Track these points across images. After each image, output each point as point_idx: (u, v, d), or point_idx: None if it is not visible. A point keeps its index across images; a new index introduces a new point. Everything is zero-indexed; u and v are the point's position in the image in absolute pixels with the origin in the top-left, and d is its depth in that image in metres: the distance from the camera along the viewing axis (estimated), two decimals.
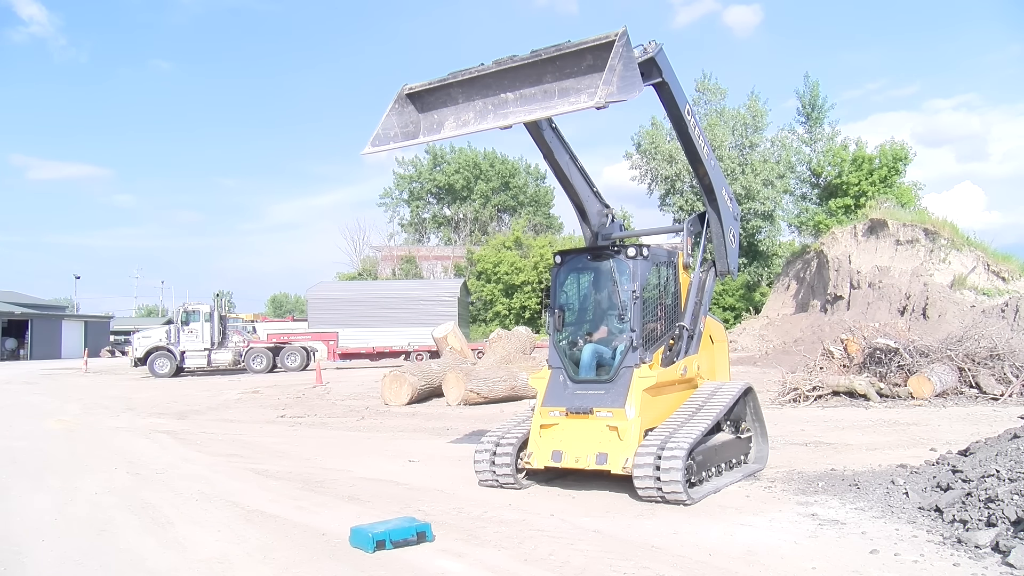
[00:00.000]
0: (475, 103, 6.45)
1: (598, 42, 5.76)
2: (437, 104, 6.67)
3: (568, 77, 6.02)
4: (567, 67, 6.02)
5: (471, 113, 6.46)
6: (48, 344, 51.61)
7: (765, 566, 4.60)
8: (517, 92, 6.24)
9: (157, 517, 6.35)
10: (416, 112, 6.73)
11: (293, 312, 68.41)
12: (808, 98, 44.18)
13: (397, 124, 6.58)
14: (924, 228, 26.73)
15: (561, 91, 6.05)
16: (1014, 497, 4.86)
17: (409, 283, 42.38)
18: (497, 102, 6.33)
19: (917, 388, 12.68)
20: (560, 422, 6.86)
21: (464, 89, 6.50)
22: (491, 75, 6.30)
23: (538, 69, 6.13)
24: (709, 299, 8.14)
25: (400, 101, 6.66)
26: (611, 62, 5.40)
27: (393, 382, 15.38)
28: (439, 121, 6.64)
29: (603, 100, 5.20)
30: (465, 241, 56.55)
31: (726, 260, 8.22)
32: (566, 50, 5.97)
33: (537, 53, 6.10)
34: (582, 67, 5.93)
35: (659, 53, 6.54)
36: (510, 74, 6.24)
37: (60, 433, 12.20)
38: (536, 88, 6.16)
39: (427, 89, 6.67)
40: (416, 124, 6.70)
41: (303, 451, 9.77)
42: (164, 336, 27.84)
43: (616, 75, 5.32)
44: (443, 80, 6.58)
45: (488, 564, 4.84)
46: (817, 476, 7.06)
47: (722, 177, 8.13)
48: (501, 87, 6.30)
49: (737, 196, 41.18)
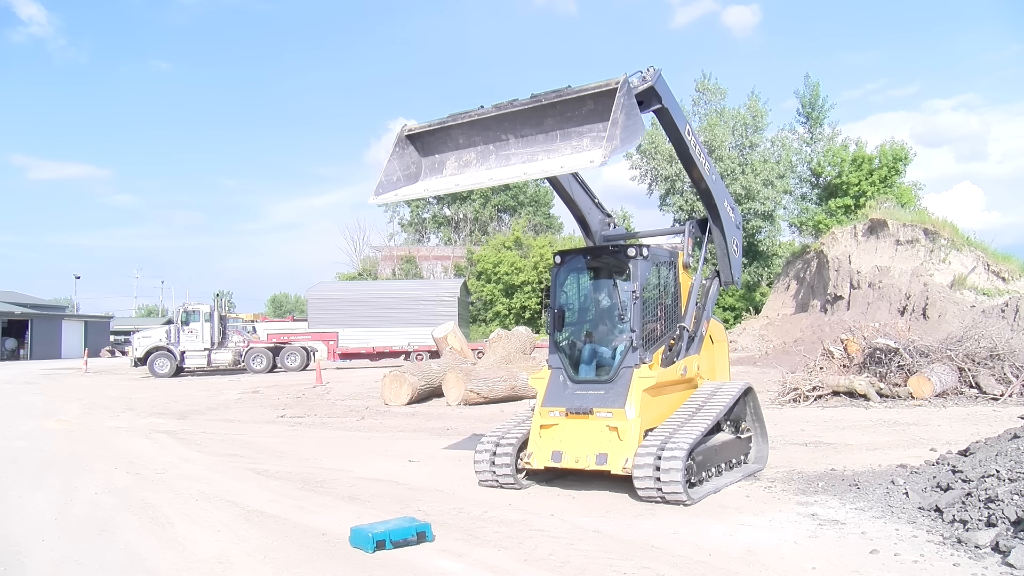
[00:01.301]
0: (476, 145, 6.48)
1: (599, 89, 5.80)
2: (438, 145, 6.70)
3: (569, 121, 6.05)
4: (568, 112, 6.04)
5: (472, 154, 6.49)
6: (48, 344, 51.62)
7: (765, 566, 4.60)
8: (519, 135, 6.27)
9: (157, 517, 6.35)
10: (417, 154, 6.76)
11: (293, 312, 68.39)
12: (808, 98, 44.21)
13: (399, 168, 6.61)
14: (924, 228, 26.72)
15: (563, 135, 6.07)
16: (1014, 497, 4.86)
17: (409, 283, 42.40)
18: (499, 144, 6.37)
19: (917, 388, 12.68)
20: (560, 422, 6.86)
21: (465, 131, 6.53)
22: (492, 119, 6.34)
23: (539, 113, 6.16)
24: (712, 305, 8.20)
25: (400, 143, 6.69)
26: (614, 114, 5.40)
27: (393, 382, 15.38)
28: (441, 161, 6.67)
29: (608, 156, 5.23)
30: (465, 241, 56.55)
31: (730, 270, 8.29)
32: (567, 96, 6.00)
33: (538, 99, 6.14)
34: (583, 112, 5.96)
35: (658, 80, 6.55)
36: (510, 118, 6.27)
37: (60, 433, 12.20)
38: (538, 131, 6.18)
39: (427, 131, 6.71)
40: (418, 165, 6.73)
41: (303, 451, 9.77)
42: (164, 336, 27.86)
43: (619, 127, 5.34)
44: (443, 122, 6.61)
45: (488, 564, 4.84)
46: (817, 476, 7.06)
47: (724, 188, 8.17)
48: (502, 129, 6.33)
49: (737, 196, 41.22)
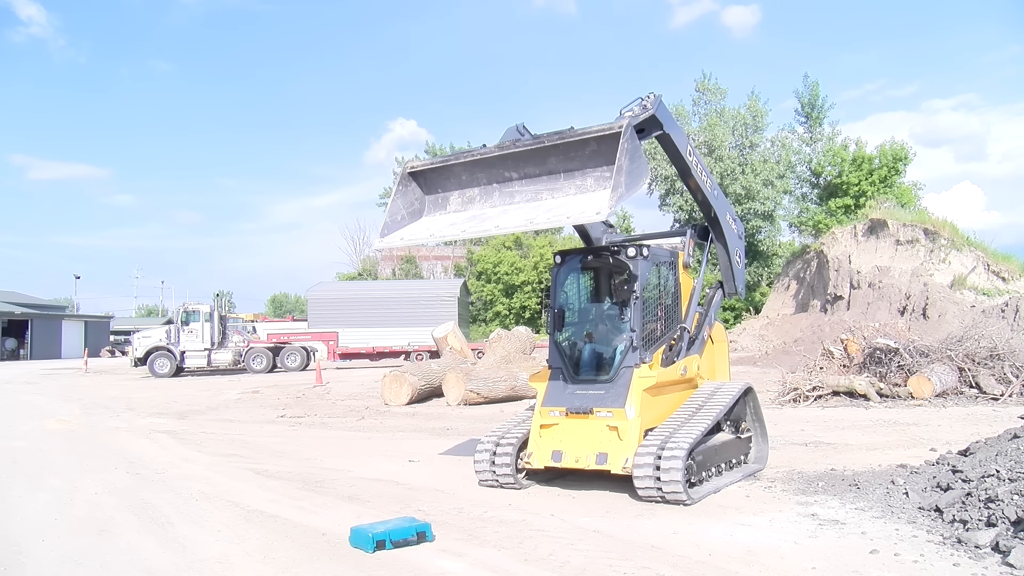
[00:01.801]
0: (480, 183, 6.51)
1: (602, 132, 5.82)
2: (441, 182, 6.73)
3: (573, 162, 6.06)
4: (572, 152, 6.06)
5: (476, 191, 6.51)
6: (48, 344, 51.62)
7: (765, 566, 4.60)
8: (522, 173, 6.29)
9: (157, 517, 6.35)
10: (420, 191, 6.78)
11: (293, 312, 68.40)
12: (808, 98, 44.22)
13: (403, 206, 6.62)
14: (924, 228, 26.73)
15: (567, 175, 6.09)
16: (1014, 497, 4.86)
17: (409, 283, 42.43)
18: (502, 181, 6.39)
19: (917, 388, 12.68)
20: (560, 422, 6.86)
21: (468, 169, 6.55)
22: (495, 158, 6.35)
23: (542, 154, 6.18)
24: (715, 313, 8.25)
25: (404, 181, 6.71)
26: (619, 161, 5.40)
27: (393, 382, 15.38)
28: (444, 198, 6.70)
29: (614, 204, 5.25)
30: (465, 241, 56.54)
31: (733, 282, 8.35)
32: (570, 138, 6.02)
33: (540, 140, 6.17)
34: (586, 153, 5.98)
35: (659, 107, 6.56)
36: (513, 157, 6.29)
37: (60, 433, 12.20)
38: (541, 170, 6.20)
39: (431, 168, 6.73)
40: (421, 202, 6.76)
41: (303, 451, 9.77)
42: (164, 336, 27.86)
43: (624, 174, 5.35)
44: (446, 160, 6.65)
45: (488, 564, 4.84)
46: (817, 476, 7.06)
47: (725, 201, 8.19)
48: (505, 167, 6.35)
49: (737, 196, 41.23)
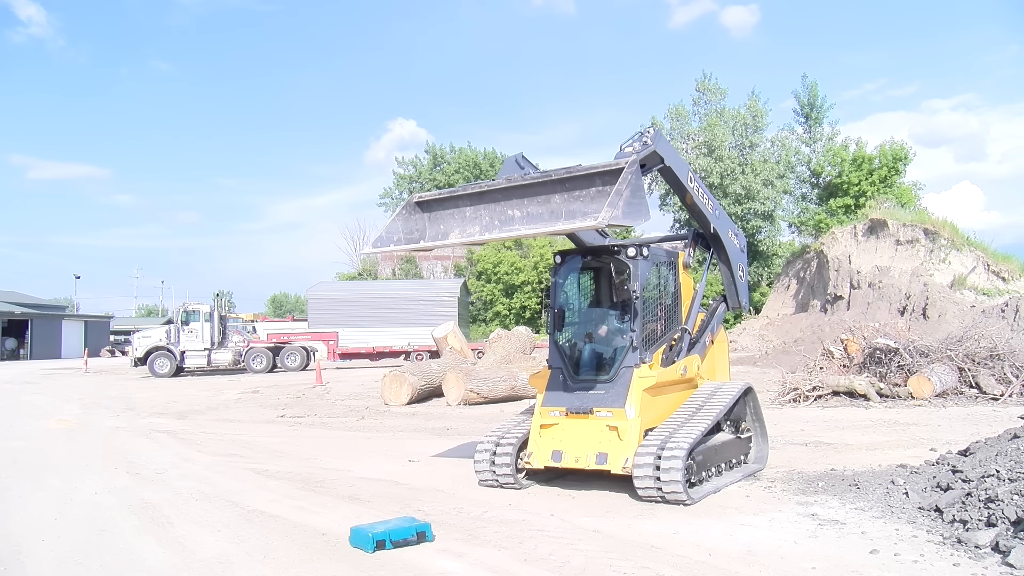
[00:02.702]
0: (482, 217, 6.54)
1: (608, 168, 5.85)
2: (444, 214, 6.76)
3: (576, 200, 6.08)
4: (576, 189, 6.07)
5: (477, 227, 6.55)
6: (48, 344, 51.60)
7: (765, 566, 4.60)
8: (524, 211, 6.32)
9: (157, 517, 6.35)
10: (423, 219, 6.81)
11: (293, 312, 68.38)
12: (806, 98, 44.23)
13: (402, 229, 6.65)
14: (924, 228, 26.72)
15: (568, 213, 6.11)
16: (1014, 497, 4.86)
17: (409, 283, 42.41)
18: (504, 218, 6.43)
19: (917, 388, 12.68)
20: (560, 422, 6.86)
21: (472, 202, 6.59)
22: (500, 191, 6.40)
23: (547, 189, 6.20)
24: (718, 323, 8.29)
25: (409, 208, 6.75)
26: (619, 186, 5.43)
27: (393, 382, 15.38)
28: (444, 232, 6.74)
29: (606, 222, 5.24)
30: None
31: (736, 296, 8.37)
32: (576, 173, 6.05)
33: (547, 174, 6.20)
34: (591, 192, 6.00)
35: (658, 141, 6.57)
36: (519, 191, 6.32)
37: (60, 433, 12.20)
38: (543, 208, 6.23)
39: (436, 199, 6.79)
40: (422, 231, 6.79)
41: (303, 451, 9.77)
42: (164, 336, 27.84)
43: (622, 200, 5.36)
44: (452, 191, 6.72)
45: (488, 564, 4.84)
46: (817, 476, 7.06)
47: (727, 219, 8.19)
48: (509, 204, 6.39)
49: (737, 196, 41.26)
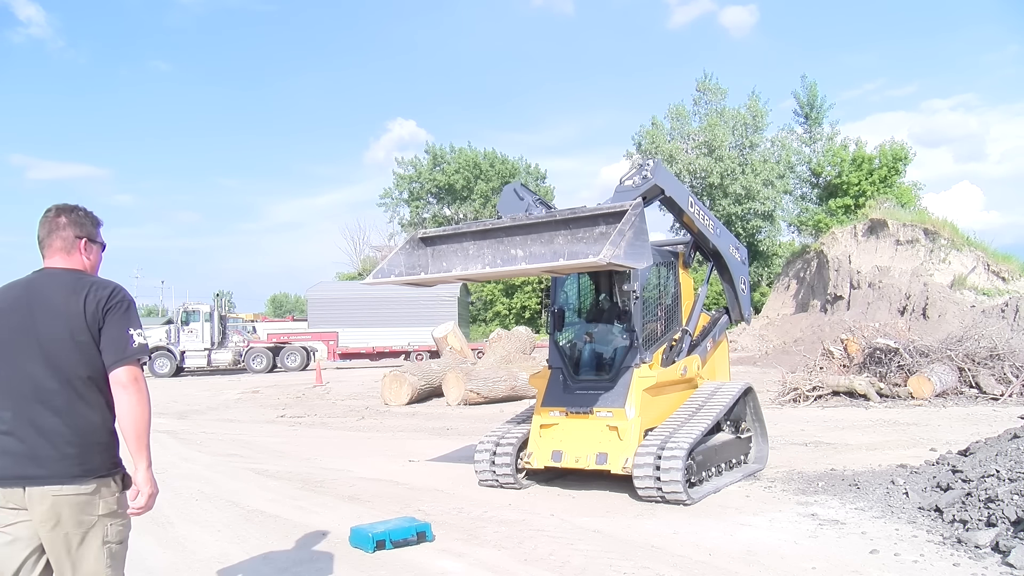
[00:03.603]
0: (485, 255, 6.58)
1: (612, 210, 5.88)
2: (447, 250, 6.81)
3: (580, 241, 6.12)
4: (580, 231, 6.11)
5: (479, 264, 6.59)
6: None
7: (765, 566, 4.60)
8: (528, 250, 6.36)
9: (157, 517, 6.34)
10: (426, 254, 6.86)
11: (293, 312, 68.36)
12: (806, 98, 44.23)
13: (404, 263, 6.70)
14: (924, 228, 26.71)
15: (571, 254, 6.15)
16: (1014, 497, 4.86)
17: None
18: (507, 257, 6.47)
19: (917, 388, 12.68)
20: (560, 422, 6.86)
21: (476, 240, 6.64)
22: (503, 229, 6.44)
23: (551, 228, 6.24)
24: (720, 332, 8.33)
25: (413, 243, 6.80)
26: (621, 227, 5.45)
27: (393, 382, 15.38)
28: (446, 268, 6.78)
29: (607, 261, 5.24)
30: None
31: (739, 309, 8.40)
32: (580, 214, 6.09)
33: (551, 214, 6.25)
34: (595, 233, 6.04)
35: (658, 172, 6.57)
36: (522, 230, 6.36)
37: None
38: (546, 249, 6.27)
39: (439, 235, 6.84)
40: (424, 266, 6.83)
41: (303, 451, 9.77)
42: (164, 336, 27.83)
43: (624, 240, 5.37)
44: (456, 229, 6.80)
45: (488, 564, 4.84)
46: (817, 476, 7.06)
47: (727, 234, 8.21)
48: (512, 242, 6.43)
49: (737, 196, 41.24)
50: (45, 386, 2.65)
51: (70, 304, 2.69)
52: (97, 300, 2.71)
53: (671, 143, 43.42)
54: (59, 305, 2.70)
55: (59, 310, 2.69)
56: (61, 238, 2.85)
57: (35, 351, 2.67)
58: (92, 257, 2.92)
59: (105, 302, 2.72)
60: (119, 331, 2.71)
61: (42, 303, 2.72)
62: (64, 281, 2.76)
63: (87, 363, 2.68)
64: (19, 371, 2.67)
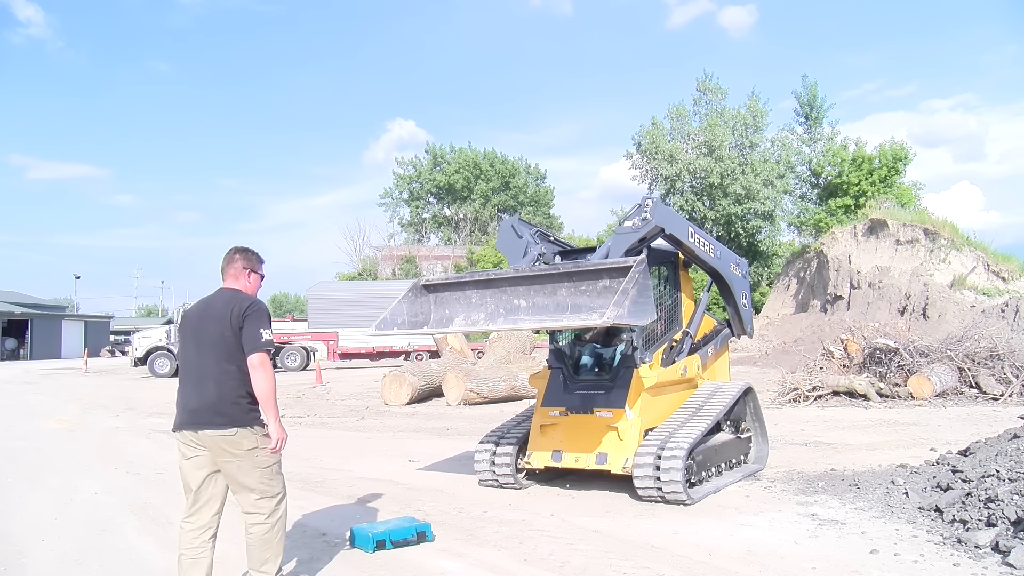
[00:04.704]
0: (488, 304, 6.60)
1: (616, 266, 5.90)
2: (450, 298, 6.83)
3: (583, 294, 6.14)
4: (583, 284, 6.12)
5: (482, 313, 6.61)
6: (48, 344, 51.62)
7: (765, 566, 4.60)
8: (531, 301, 6.37)
9: (157, 517, 6.35)
10: (429, 301, 6.89)
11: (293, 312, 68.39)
12: (806, 98, 44.22)
13: (407, 312, 6.70)
14: (924, 228, 26.71)
15: (574, 307, 6.16)
16: (1014, 497, 4.86)
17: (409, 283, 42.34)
18: (510, 307, 6.48)
19: (917, 388, 12.68)
20: (560, 422, 6.85)
21: (479, 289, 6.66)
22: (507, 279, 6.47)
23: (554, 280, 6.26)
24: (722, 343, 8.31)
25: (416, 291, 6.83)
26: (625, 285, 5.45)
27: (393, 382, 15.38)
28: (449, 317, 6.80)
29: (611, 321, 5.26)
30: (465, 241, 56.58)
31: (741, 324, 8.39)
32: (583, 268, 6.11)
33: (555, 267, 6.29)
34: (598, 287, 6.05)
35: (657, 213, 6.55)
36: (525, 281, 6.38)
37: (60, 433, 12.20)
38: (550, 300, 6.28)
39: (442, 283, 6.87)
40: (427, 315, 6.85)
41: (303, 451, 9.76)
42: (164, 336, 27.84)
43: (628, 299, 5.38)
44: (459, 277, 6.82)
45: (488, 564, 4.84)
46: (817, 476, 7.06)
47: (728, 253, 8.20)
48: (516, 293, 6.45)
49: (737, 196, 41.24)
50: (207, 367, 3.95)
51: (225, 312, 3.95)
52: (242, 309, 3.94)
53: (671, 143, 43.43)
54: (220, 312, 3.97)
55: (219, 316, 3.96)
56: (233, 268, 4.16)
57: (204, 344, 3.98)
58: (252, 283, 4.22)
59: (245, 310, 3.94)
60: (254, 330, 3.92)
61: (211, 312, 4.03)
62: (227, 297, 4.06)
63: (232, 351, 3.92)
64: (195, 357, 4.02)
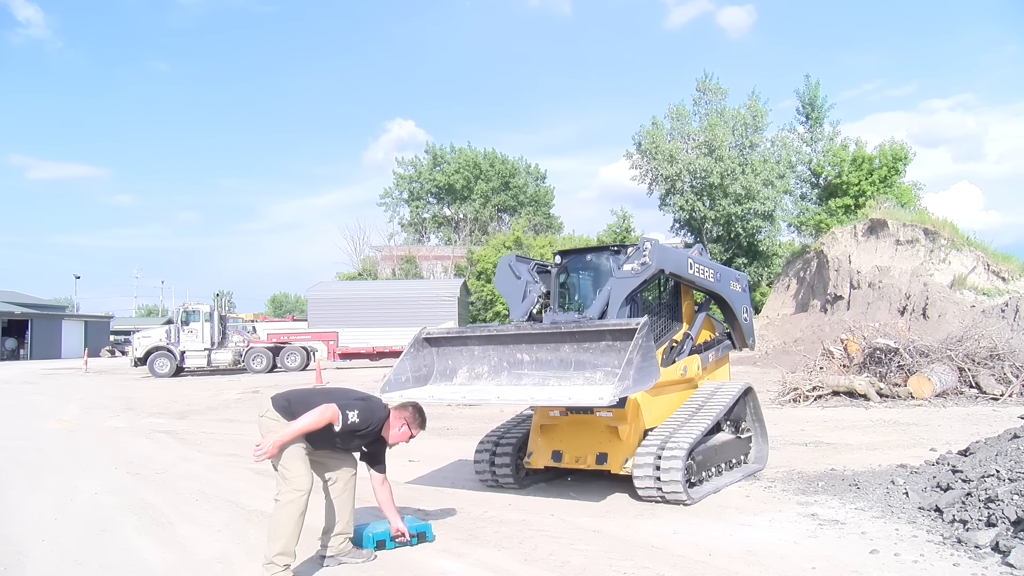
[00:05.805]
0: (491, 357, 6.64)
1: (618, 327, 5.95)
2: (453, 350, 6.85)
3: (586, 351, 6.19)
4: (586, 343, 6.18)
5: (486, 366, 6.64)
6: (48, 344, 51.59)
7: (765, 566, 4.60)
8: (534, 356, 6.42)
9: (157, 517, 6.35)
10: (432, 354, 6.90)
11: (293, 312, 68.43)
12: (808, 98, 44.20)
13: (410, 368, 6.73)
14: (924, 228, 26.70)
15: (577, 364, 6.20)
16: (1014, 497, 4.86)
17: (409, 283, 42.36)
18: (513, 361, 6.53)
19: (917, 388, 12.68)
20: (560, 422, 6.85)
21: (481, 343, 6.70)
22: (510, 336, 6.53)
23: (556, 339, 6.31)
24: (722, 351, 8.32)
25: (418, 344, 6.84)
26: (630, 355, 5.46)
27: None
28: (453, 369, 6.82)
29: (617, 395, 5.29)
30: (465, 241, 56.55)
31: (743, 337, 8.41)
32: (586, 328, 6.15)
33: (557, 326, 6.33)
34: (600, 345, 6.10)
35: (656, 256, 6.54)
36: (528, 338, 6.43)
37: (60, 433, 12.19)
38: (553, 356, 6.33)
39: (445, 337, 6.88)
40: (430, 368, 6.87)
41: None
42: (164, 336, 27.81)
43: (633, 368, 5.40)
44: (462, 331, 6.87)
45: (488, 564, 4.84)
46: (817, 476, 7.06)
47: (728, 272, 8.22)
48: (519, 349, 6.50)
49: (737, 196, 41.22)
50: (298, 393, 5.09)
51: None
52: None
53: (671, 143, 43.40)
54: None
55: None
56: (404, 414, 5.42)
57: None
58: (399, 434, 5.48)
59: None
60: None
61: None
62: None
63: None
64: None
